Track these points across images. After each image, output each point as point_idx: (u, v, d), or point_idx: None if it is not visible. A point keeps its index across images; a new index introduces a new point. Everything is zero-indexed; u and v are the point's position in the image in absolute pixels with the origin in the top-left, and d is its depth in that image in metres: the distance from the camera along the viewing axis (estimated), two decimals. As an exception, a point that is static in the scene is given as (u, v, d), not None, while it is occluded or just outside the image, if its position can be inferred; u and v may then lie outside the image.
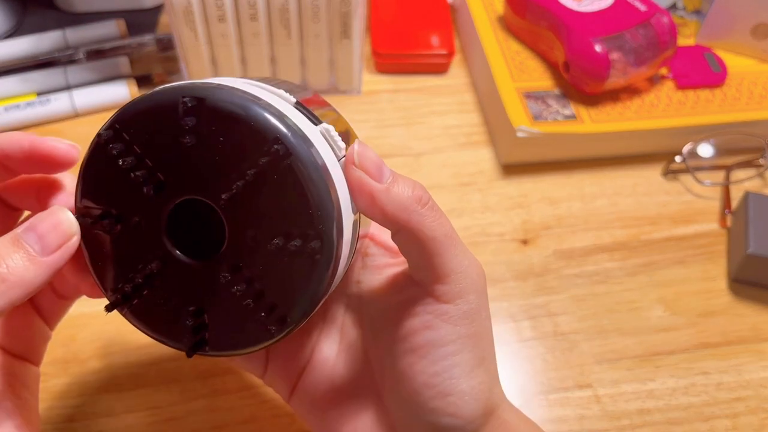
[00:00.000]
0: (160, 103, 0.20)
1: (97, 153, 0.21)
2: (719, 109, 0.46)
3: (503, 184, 0.45)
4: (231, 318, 0.21)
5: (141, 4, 0.55)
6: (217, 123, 0.20)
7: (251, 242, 0.20)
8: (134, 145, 0.21)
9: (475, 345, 0.23)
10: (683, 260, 0.41)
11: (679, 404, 0.35)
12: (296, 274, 0.20)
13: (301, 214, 0.20)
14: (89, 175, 0.21)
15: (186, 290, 0.21)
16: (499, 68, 0.48)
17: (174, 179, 0.21)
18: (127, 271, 0.22)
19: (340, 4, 0.44)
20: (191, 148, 0.20)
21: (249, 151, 0.20)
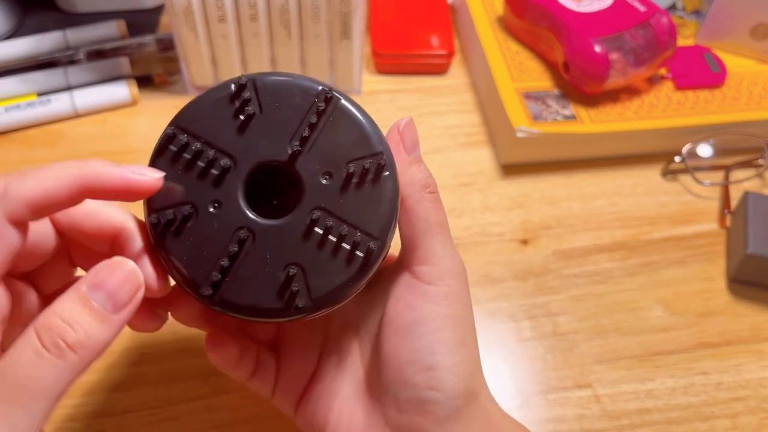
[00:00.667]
0: (212, 92, 0.23)
1: (161, 153, 0.23)
2: (719, 109, 0.46)
3: (503, 184, 0.45)
4: (322, 265, 0.22)
5: (141, 5, 0.55)
6: (271, 93, 0.23)
7: (324, 182, 0.22)
8: (195, 136, 0.22)
9: (455, 325, 0.24)
10: (683, 260, 0.41)
11: (678, 404, 0.35)
12: (371, 193, 0.23)
13: (362, 140, 0.23)
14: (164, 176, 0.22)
15: (275, 253, 0.22)
16: (498, 68, 0.48)
17: (240, 153, 0.22)
18: (214, 257, 0.22)
19: (341, 5, 0.44)
20: (251, 119, 0.22)
21: (302, 106, 0.23)
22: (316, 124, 0.23)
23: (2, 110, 0.46)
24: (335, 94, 0.23)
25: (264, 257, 0.22)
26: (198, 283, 0.22)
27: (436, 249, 0.25)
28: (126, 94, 0.48)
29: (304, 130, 0.22)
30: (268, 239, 0.22)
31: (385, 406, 0.25)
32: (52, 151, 0.46)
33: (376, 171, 0.23)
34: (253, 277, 0.22)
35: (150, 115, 0.48)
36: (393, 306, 0.25)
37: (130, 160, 0.45)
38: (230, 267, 0.22)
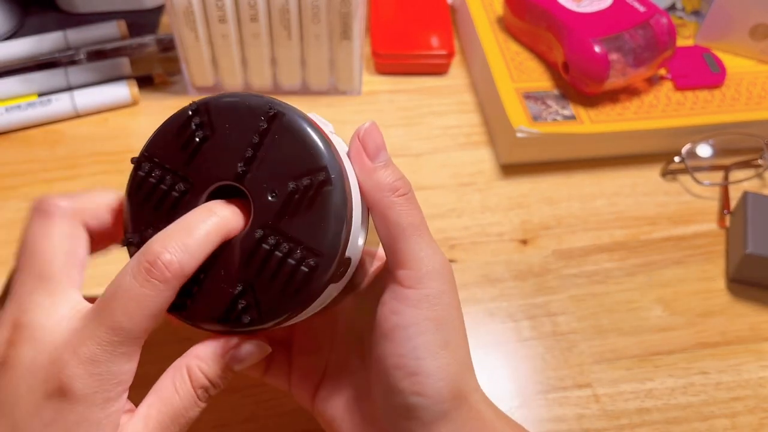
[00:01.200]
0: (170, 119, 0.24)
1: (132, 182, 0.24)
2: (718, 109, 0.47)
3: (503, 184, 0.45)
4: (271, 281, 0.23)
5: (142, 5, 0.55)
6: (222, 115, 0.23)
7: (272, 198, 0.23)
8: (157, 164, 0.24)
9: (437, 328, 0.24)
10: (682, 260, 0.42)
11: (677, 404, 0.35)
12: (312, 208, 0.23)
13: (304, 157, 0.23)
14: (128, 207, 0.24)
15: (229, 270, 0.23)
16: (498, 69, 0.48)
17: (198, 176, 0.23)
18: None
19: (340, 5, 0.44)
20: (205, 142, 0.23)
21: (250, 126, 0.23)
22: (259, 143, 0.23)
23: (3, 110, 0.46)
24: (279, 110, 0.23)
25: (220, 274, 0.23)
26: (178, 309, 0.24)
27: (414, 251, 0.24)
28: (126, 94, 0.48)
29: (249, 150, 0.23)
30: (223, 257, 0.23)
31: (378, 409, 0.25)
32: (53, 151, 0.46)
33: (317, 187, 0.23)
34: (211, 294, 0.23)
35: (150, 115, 0.48)
36: (380, 311, 0.25)
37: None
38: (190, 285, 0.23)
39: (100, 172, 0.44)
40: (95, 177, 0.44)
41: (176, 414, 0.23)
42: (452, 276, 0.25)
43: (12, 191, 0.43)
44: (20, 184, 0.44)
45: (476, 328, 0.38)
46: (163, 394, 0.23)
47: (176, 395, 0.23)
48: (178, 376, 0.23)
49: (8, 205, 0.42)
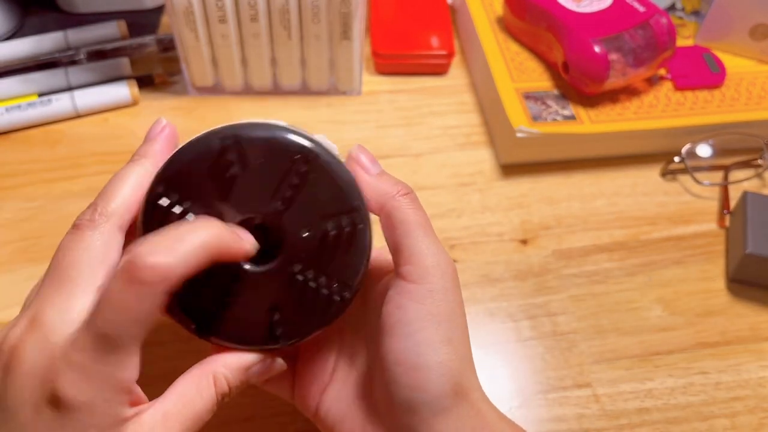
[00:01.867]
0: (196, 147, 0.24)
1: (150, 210, 0.24)
2: (718, 109, 0.47)
3: (502, 184, 0.45)
4: (301, 306, 0.25)
5: (142, 5, 0.55)
6: (254, 152, 0.24)
7: (305, 236, 0.25)
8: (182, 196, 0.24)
9: (439, 324, 0.24)
10: (682, 260, 0.42)
11: (677, 404, 0.35)
12: (347, 246, 0.25)
13: (338, 197, 0.25)
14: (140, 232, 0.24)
15: (259, 296, 0.25)
16: (498, 69, 0.48)
17: (226, 212, 0.24)
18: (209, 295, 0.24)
19: (340, 5, 0.44)
20: (236, 178, 0.24)
21: (283, 165, 0.24)
22: (298, 184, 0.24)
23: (3, 110, 0.46)
24: (315, 152, 0.25)
25: (249, 299, 0.25)
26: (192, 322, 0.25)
27: (419, 248, 0.25)
28: (126, 94, 0.48)
29: (287, 190, 0.24)
30: (254, 284, 0.25)
31: (382, 406, 0.25)
32: (53, 151, 0.46)
33: (350, 226, 0.25)
34: (239, 317, 0.25)
35: (151, 115, 0.48)
36: (385, 308, 0.25)
37: (131, 160, 0.45)
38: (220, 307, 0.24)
39: (100, 172, 0.44)
40: (96, 177, 0.44)
41: (196, 416, 0.23)
42: (456, 274, 0.26)
43: (12, 191, 0.43)
44: (20, 184, 0.44)
45: (476, 328, 0.38)
46: (185, 396, 0.23)
47: (199, 398, 0.24)
48: (204, 381, 0.24)
49: (8, 205, 0.42)
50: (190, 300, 0.25)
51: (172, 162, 0.24)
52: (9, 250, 0.40)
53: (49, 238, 0.41)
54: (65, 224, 0.43)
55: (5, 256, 0.40)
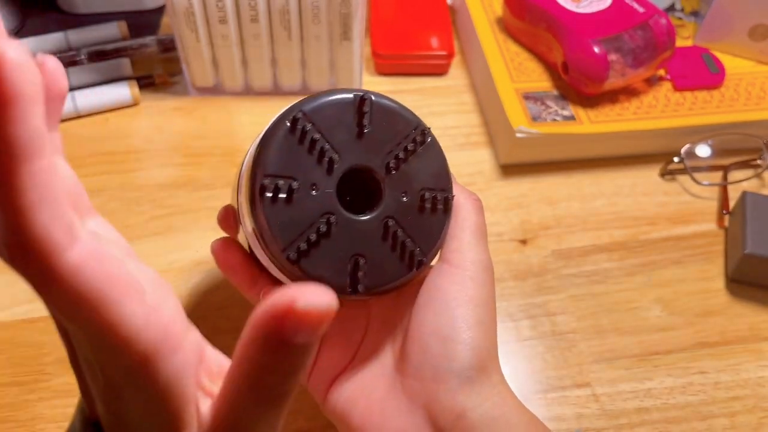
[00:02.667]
0: (334, 93, 0.27)
1: (281, 132, 0.26)
2: (717, 109, 0.47)
3: (502, 184, 0.45)
4: (387, 257, 0.27)
5: (142, 6, 0.55)
6: (382, 113, 0.27)
7: (403, 198, 0.27)
8: (316, 127, 0.26)
9: (475, 306, 0.27)
10: (681, 260, 0.42)
11: (677, 403, 0.35)
12: (434, 219, 0.27)
13: (439, 175, 0.28)
14: (273, 150, 0.26)
15: (349, 241, 0.26)
16: (498, 69, 0.48)
17: (346, 153, 0.26)
18: (303, 230, 0.26)
19: (341, 6, 0.44)
20: (363, 131, 0.26)
21: (403, 132, 0.27)
22: (412, 150, 0.27)
23: (4, 111, 0.46)
24: (429, 131, 0.28)
25: (340, 242, 0.26)
26: (284, 246, 0.25)
27: (470, 242, 0.28)
28: (127, 94, 0.48)
29: (401, 152, 0.27)
30: (348, 229, 0.26)
31: (405, 377, 0.27)
32: (54, 151, 0.46)
33: (444, 203, 0.28)
34: (327, 255, 0.26)
35: (151, 115, 0.48)
36: (425, 288, 0.28)
37: (132, 160, 0.45)
38: (315, 242, 0.26)
39: (101, 172, 0.44)
40: (96, 177, 0.44)
41: None
42: (493, 275, 0.29)
43: (13, 191, 0.43)
44: (21, 184, 0.44)
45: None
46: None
47: None
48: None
49: (9, 205, 0.42)
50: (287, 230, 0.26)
51: (310, 98, 0.26)
52: (10, 250, 0.40)
53: (49, 238, 0.41)
54: (66, 224, 0.43)
55: (6, 256, 0.40)
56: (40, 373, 0.35)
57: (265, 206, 0.25)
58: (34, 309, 0.37)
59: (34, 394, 0.34)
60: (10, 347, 0.36)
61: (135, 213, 0.42)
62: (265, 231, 0.25)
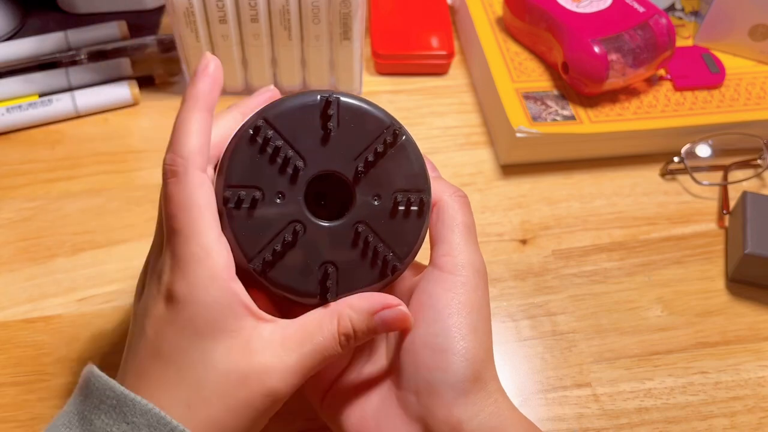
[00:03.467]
0: (299, 98, 0.26)
1: (243, 142, 0.25)
2: (717, 109, 0.47)
3: (502, 184, 0.45)
4: (355, 268, 0.26)
5: (143, 6, 0.55)
6: (349, 114, 0.26)
7: (374, 202, 0.26)
8: (279, 134, 0.25)
9: (469, 313, 0.26)
10: (681, 260, 0.42)
11: (677, 403, 0.35)
12: (408, 222, 0.27)
13: (413, 176, 0.27)
14: (235, 161, 0.25)
15: (318, 249, 0.26)
16: (498, 69, 0.48)
17: (312, 159, 0.26)
18: (269, 240, 0.25)
19: (341, 6, 0.44)
20: (330, 132, 0.26)
21: (373, 133, 0.26)
22: (382, 152, 0.26)
23: (4, 110, 0.46)
24: (403, 129, 0.27)
25: (308, 251, 0.26)
26: (249, 257, 0.25)
27: (459, 243, 0.27)
28: (127, 94, 0.48)
29: (370, 155, 0.26)
30: (316, 237, 0.26)
31: (399, 388, 0.26)
32: (54, 151, 0.46)
33: (419, 205, 0.27)
34: (295, 265, 0.26)
35: (151, 115, 0.48)
36: (415, 296, 0.27)
37: (132, 160, 0.45)
38: (281, 251, 0.25)
39: (100, 172, 0.44)
40: (96, 177, 0.44)
41: (315, 349, 0.24)
42: (486, 276, 0.28)
43: (12, 191, 0.43)
44: (21, 184, 0.44)
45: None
46: (308, 327, 0.25)
47: (320, 332, 0.25)
48: (327, 318, 0.25)
49: (8, 205, 0.42)
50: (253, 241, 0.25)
51: (273, 104, 0.26)
52: (9, 250, 0.40)
53: (49, 238, 0.41)
54: (65, 224, 0.43)
55: (5, 256, 0.40)
56: (40, 373, 0.35)
57: (228, 218, 0.25)
58: (34, 309, 0.37)
59: (34, 394, 0.34)
60: (10, 347, 0.36)
61: (135, 213, 0.42)
62: (232, 243, 0.25)
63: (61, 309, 0.37)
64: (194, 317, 0.23)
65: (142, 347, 0.24)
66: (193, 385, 0.23)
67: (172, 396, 0.23)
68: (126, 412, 0.22)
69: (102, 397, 0.23)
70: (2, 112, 0.46)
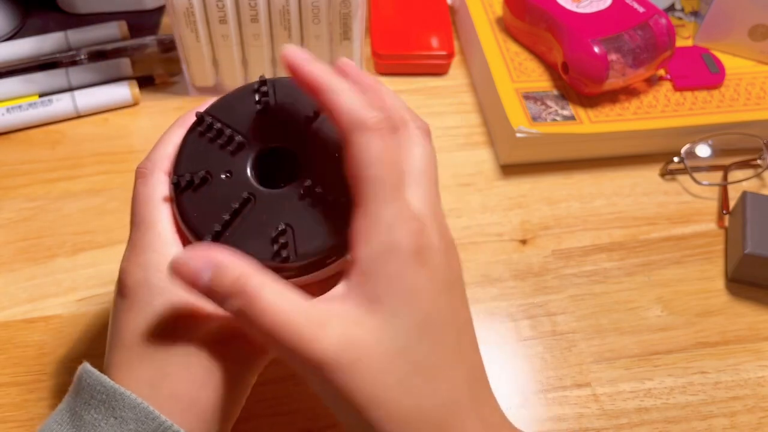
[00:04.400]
0: (237, 89, 0.28)
1: (187, 134, 0.28)
2: (717, 109, 0.47)
3: (502, 184, 0.45)
4: (314, 226, 0.25)
5: (143, 6, 0.55)
6: (284, 90, 0.27)
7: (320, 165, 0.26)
8: (218, 120, 0.27)
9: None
10: (681, 260, 0.42)
11: (677, 403, 0.35)
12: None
13: None
14: (182, 151, 0.27)
15: (272, 215, 0.26)
16: (498, 69, 0.48)
17: (253, 135, 0.27)
18: (219, 214, 0.26)
19: (341, 6, 0.44)
20: (268, 109, 0.27)
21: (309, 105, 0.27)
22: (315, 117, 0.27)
23: (4, 111, 0.46)
24: None
25: (261, 217, 0.26)
26: (201, 234, 0.26)
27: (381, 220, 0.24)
28: (127, 94, 0.48)
29: (307, 123, 0.27)
30: (267, 202, 0.26)
31: None
32: (54, 151, 0.46)
33: None
34: (250, 232, 0.26)
35: (151, 115, 0.49)
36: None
37: (132, 160, 0.45)
38: (231, 221, 0.26)
39: (101, 172, 0.44)
40: (96, 177, 0.44)
41: None
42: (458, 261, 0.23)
43: (12, 191, 0.43)
44: (21, 184, 0.44)
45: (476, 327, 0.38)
46: None
47: None
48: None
49: (8, 205, 0.42)
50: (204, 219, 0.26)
51: (217, 99, 0.28)
52: (9, 250, 0.40)
53: (49, 238, 0.41)
54: (65, 224, 0.43)
55: (5, 256, 0.40)
56: (40, 373, 0.35)
57: (179, 203, 0.26)
58: (34, 309, 0.37)
59: (34, 394, 0.34)
60: (10, 347, 0.36)
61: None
62: (186, 224, 0.26)
63: (61, 309, 0.37)
64: (151, 299, 0.24)
65: (112, 342, 0.25)
66: (154, 365, 0.24)
67: (135, 378, 0.24)
68: (115, 407, 0.22)
69: (93, 392, 0.23)
70: (2, 112, 0.46)
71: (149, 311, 0.24)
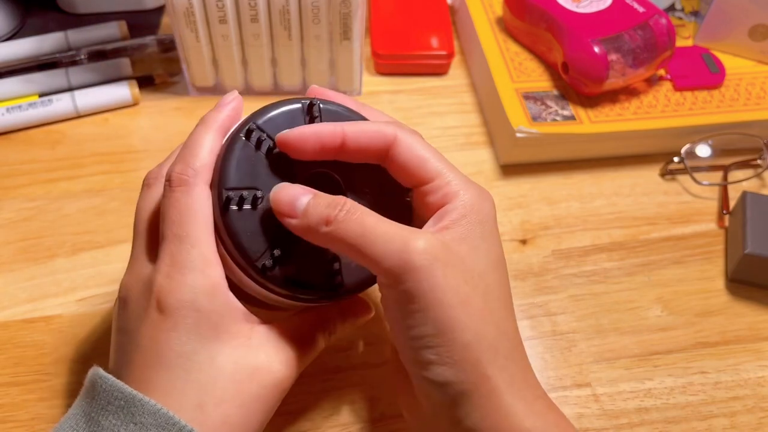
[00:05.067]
0: (283, 103, 0.27)
1: (236, 147, 0.26)
2: (717, 109, 0.47)
3: (502, 184, 0.45)
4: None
5: (142, 6, 0.55)
6: (331, 118, 0.27)
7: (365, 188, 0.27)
8: (270, 135, 0.26)
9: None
10: (681, 260, 0.42)
11: (677, 403, 0.35)
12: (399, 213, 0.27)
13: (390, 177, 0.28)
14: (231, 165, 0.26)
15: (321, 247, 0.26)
16: (498, 69, 0.48)
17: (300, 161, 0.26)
18: (270, 237, 0.26)
19: (341, 6, 0.44)
20: None
21: None
22: None
23: (4, 111, 0.46)
24: None
25: (312, 246, 0.26)
26: (251, 257, 0.25)
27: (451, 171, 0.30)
28: (127, 94, 0.48)
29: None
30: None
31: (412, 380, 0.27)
32: (54, 151, 0.46)
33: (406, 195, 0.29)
34: (300, 260, 0.26)
35: (151, 115, 0.48)
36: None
37: (132, 160, 0.45)
38: (287, 248, 0.26)
39: (101, 172, 0.44)
40: (96, 177, 0.44)
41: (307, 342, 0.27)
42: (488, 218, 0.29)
43: (12, 191, 0.43)
44: (21, 184, 0.44)
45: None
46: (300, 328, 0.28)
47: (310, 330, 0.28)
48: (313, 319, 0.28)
49: (8, 205, 0.42)
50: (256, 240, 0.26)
51: (261, 110, 0.27)
52: (9, 250, 0.40)
53: (49, 238, 0.41)
54: (65, 224, 0.43)
55: (5, 256, 0.40)
56: (40, 373, 0.35)
57: (226, 219, 0.25)
58: (34, 309, 0.37)
59: (34, 394, 0.34)
60: (10, 347, 0.36)
61: (135, 213, 0.42)
62: (238, 244, 0.25)
63: (61, 309, 0.37)
64: (198, 323, 0.24)
65: (138, 357, 0.25)
66: (203, 387, 0.24)
67: (181, 399, 0.24)
68: (134, 413, 0.23)
69: (109, 398, 0.23)
70: (2, 112, 0.46)
71: (196, 335, 0.24)
